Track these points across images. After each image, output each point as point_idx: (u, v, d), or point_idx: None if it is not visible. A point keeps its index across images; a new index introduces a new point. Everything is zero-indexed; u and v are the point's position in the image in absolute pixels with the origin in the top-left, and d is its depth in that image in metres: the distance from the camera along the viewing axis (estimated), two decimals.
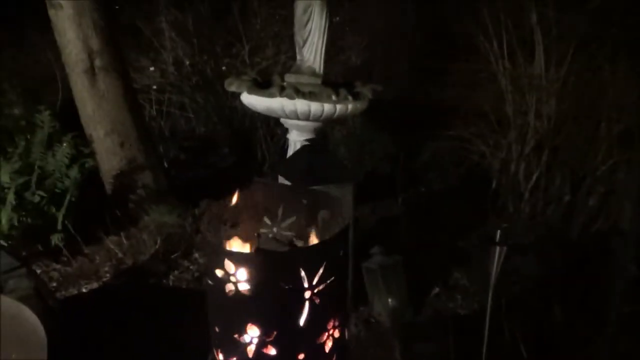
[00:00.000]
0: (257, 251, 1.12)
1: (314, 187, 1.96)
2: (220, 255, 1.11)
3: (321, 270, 1.12)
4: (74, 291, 2.78)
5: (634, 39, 3.34)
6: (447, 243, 3.26)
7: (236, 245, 1.28)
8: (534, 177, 3.72)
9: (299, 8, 2.95)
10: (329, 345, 1.22)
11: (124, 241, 3.15)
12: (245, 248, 1.26)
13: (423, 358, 2.25)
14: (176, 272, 2.95)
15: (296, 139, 3.12)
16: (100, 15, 3.23)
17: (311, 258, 1.12)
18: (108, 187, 3.44)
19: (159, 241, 3.11)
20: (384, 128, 4.65)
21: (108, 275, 2.91)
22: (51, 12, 3.20)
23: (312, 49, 3.01)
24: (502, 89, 3.73)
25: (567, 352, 2.42)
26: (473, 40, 3.87)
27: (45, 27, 3.39)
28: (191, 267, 3.02)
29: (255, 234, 1.20)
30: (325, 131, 3.24)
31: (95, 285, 2.82)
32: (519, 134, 3.73)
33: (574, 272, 3.01)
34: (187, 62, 4.49)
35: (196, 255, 3.09)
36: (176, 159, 4.58)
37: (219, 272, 1.11)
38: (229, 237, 1.29)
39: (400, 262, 2.55)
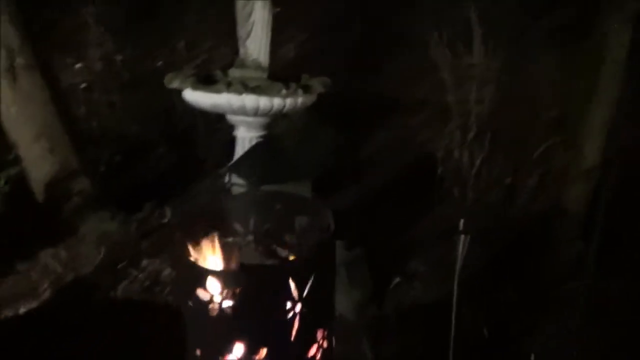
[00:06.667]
0: (243, 267, 1.03)
1: (275, 188, 1.89)
2: (202, 274, 1.01)
3: (311, 281, 1.06)
4: (9, 313, 2.53)
5: (563, 27, 3.51)
6: (401, 232, 3.28)
7: (209, 257, 1.19)
8: (477, 163, 3.84)
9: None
10: (318, 358, 1.16)
11: (63, 254, 2.91)
12: (217, 260, 1.17)
13: (392, 352, 2.25)
14: (124, 283, 2.77)
15: (245, 136, 3.00)
16: (18, 10, 2.95)
17: (302, 269, 1.05)
18: (39, 197, 3.16)
19: (102, 251, 2.90)
20: (325, 120, 4.62)
21: (47, 292, 2.68)
22: None
23: (256, 42, 2.91)
24: (444, 79, 3.80)
25: (523, 329, 2.51)
26: (411, 32, 3.92)
27: None
28: (140, 275, 2.84)
29: (235, 246, 1.11)
30: (272, 126, 3.14)
31: (34, 304, 2.58)
32: (461, 122, 3.82)
33: (521, 252, 3.14)
34: (119, 58, 4.21)
35: (145, 262, 2.91)
36: (110, 161, 4.29)
37: (201, 293, 1.01)
38: (197, 250, 1.19)
39: (362, 255, 2.54)
